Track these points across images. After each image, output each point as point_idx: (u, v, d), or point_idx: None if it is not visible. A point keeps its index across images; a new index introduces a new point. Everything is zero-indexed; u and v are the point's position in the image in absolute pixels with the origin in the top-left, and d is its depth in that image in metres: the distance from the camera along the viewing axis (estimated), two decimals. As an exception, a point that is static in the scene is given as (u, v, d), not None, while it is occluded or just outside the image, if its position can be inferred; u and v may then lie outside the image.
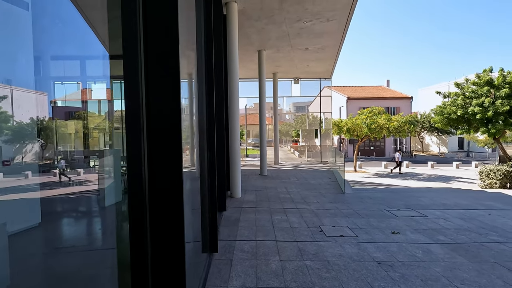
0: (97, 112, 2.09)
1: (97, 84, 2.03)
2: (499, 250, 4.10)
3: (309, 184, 9.98)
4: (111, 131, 2.08)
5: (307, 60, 13.45)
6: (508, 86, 11.17)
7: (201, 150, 3.72)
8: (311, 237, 4.55)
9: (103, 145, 2.05)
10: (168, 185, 1.71)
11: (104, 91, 2.01)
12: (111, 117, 2.05)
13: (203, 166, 3.69)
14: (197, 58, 3.64)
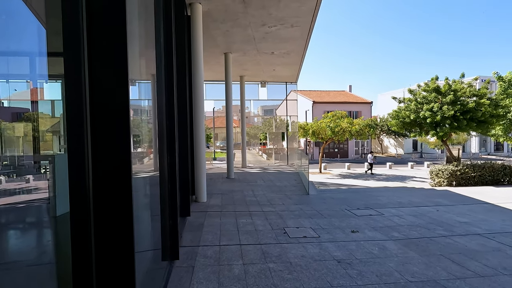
0: (50, 113, 1.91)
1: (49, 83, 1.86)
2: (444, 243, 4.46)
3: (276, 186, 10.11)
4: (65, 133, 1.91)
5: (273, 64, 13.68)
6: (453, 93, 12.31)
7: (161, 154, 3.58)
8: (275, 239, 4.59)
9: (56, 149, 1.88)
10: (116, 191, 1.61)
11: (58, 91, 1.84)
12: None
13: (163, 171, 3.55)
14: (156, 58, 3.51)
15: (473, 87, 12.79)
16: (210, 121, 34.15)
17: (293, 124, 21.54)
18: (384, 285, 3.15)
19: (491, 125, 12.83)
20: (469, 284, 3.17)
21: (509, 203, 7.51)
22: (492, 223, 5.54)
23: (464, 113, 12.09)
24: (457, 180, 11.39)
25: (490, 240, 4.60)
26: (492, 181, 11.52)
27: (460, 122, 12.09)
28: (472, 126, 12.47)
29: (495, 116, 12.46)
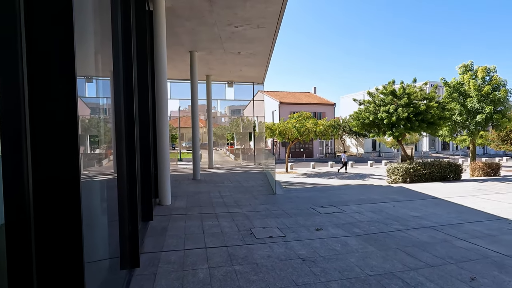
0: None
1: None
2: (400, 237, 4.76)
3: (243, 187, 10.08)
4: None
5: (240, 64, 13.65)
6: (407, 96, 13.29)
7: (120, 155, 3.37)
8: (242, 240, 4.56)
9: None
10: (62, 198, 1.45)
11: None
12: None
13: (122, 173, 3.33)
14: (114, 55, 3.29)
15: (423, 91, 13.92)
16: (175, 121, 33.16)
17: (260, 125, 21.71)
18: (346, 280, 3.26)
19: (439, 126, 14.06)
20: (421, 274, 3.41)
21: (453, 197, 8.27)
22: (440, 216, 6.05)
23: (416, 115, 13.10)
24: (411, 177, 12.30)
25: (439, 232, 5.01)
26: (440, 177, 12.63)
27: (413, 123, 13.08)
28: (423, 127, 13.55)
29: (442, 118, 13.67)
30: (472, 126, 16.06)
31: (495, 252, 4.06)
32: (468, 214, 6.31)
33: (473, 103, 15.52)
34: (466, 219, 5.81)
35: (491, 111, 15.02)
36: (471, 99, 15.64)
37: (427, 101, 13.47)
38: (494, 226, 5.34)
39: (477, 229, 5.17)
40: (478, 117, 15.38)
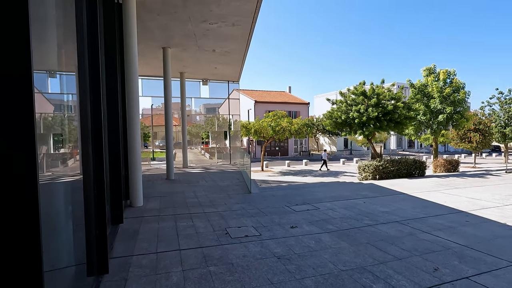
0: None
1: None
2: (370, 232, 4.96)
3: (218, 186, 9.98)
4: None
5: (215, 62, 13.48)
6: (376, 97, 13.88)
7: (86, 155, 3.18)
8: (217, 240, 4.50)
9: None
10: (16, 202, 1.33)
11: None
12: None
13: (88, 174, 3.15)
14: (78, 49, 3.09)
15: (391, 92, 14.61)
16: (148, 119, 32.07)
17: (235, 123, 21.62)
18: (320, 276, 3.33)
19: (405, 126, 14.84)
20: (389, 267, 3.57)
21: (418, 192, 8.77)
22: (406, 211, 6.39)
23: (385, 114, 13.73)
24: (380, 174, 12.88)
25: (405, 226, 5.28)
26: (406, 173, 13.34)
27: (382, 122, 13.69)
28: (391, 126, 14.23)
29: (408, 118, 14.44)
30: (435, 126, 17.15)
31: (455, 243, 4.36)
32: (432, 208, 6.72)
33: (435, 104, 16.56)
34: (430, 213, 6.19)
35: (451, 111, 16.12)
36: (434, 100, 16.67)
37: (395, 101, 14.15)
38: (454, 219, 5.74)
39: (439, 222, 5.52)
40: (440, 117, 16.44)
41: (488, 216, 5.91)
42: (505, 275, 3.33)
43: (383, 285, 3.13)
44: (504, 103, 26.03)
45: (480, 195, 8.24)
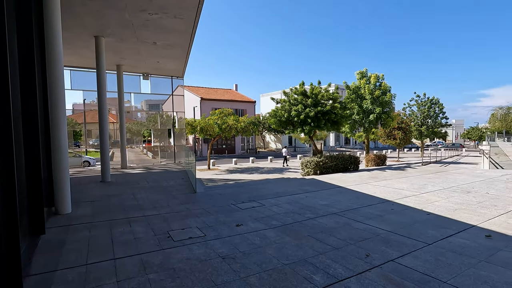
0: None
1: None
2: (311, 225, 5.22)
3: (161, 187, 9.46)
4: None
5: (157, 56, 12.73)
6: (314, 96, 14.74)
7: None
8: (158, 245, 4.23)
9: None
10: None
11: None
12: None
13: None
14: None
15: (328, 92, 15.68)
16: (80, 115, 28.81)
17: (180, 121, 20.80)
18: (264, 272, 3.37)
19: (341, 124, 16.09)
20: (328, 257, 3.79)
21: (353, 185, 9.58)
22: (343, 203, 6.91)
23: (324, 114, 14.67)
24: (320, 169, 13.74)
25: (342, 217, 5.70)
26: (343, 168, 14.50)
27: (320, 121, 14.60)
28: (328, 125, 15.29)
29: (344, 117, 15.69)
30: (367, 124, 18.97)
31: (383, 230, 4.85)
32: (364, 199, 7.39)
33: (367, 105, 18.30)
34: (362, 204, 6.79)
35: (380, 111, 18.01)
36: (366, 101, 18.41)
37: (332, 101, 15.22)
38: (382, 208, 6.39)
39: (370, 211, 6.09)
40: (371, 116, 18.23)
41: (408, 204, 6.73)
42: (422, 255, 3.81)
43: (322, 275, 3.30)
44: (420, 105, 30.11)
45: (403, 185, 9.37)
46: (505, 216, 5.59)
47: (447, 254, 3.83)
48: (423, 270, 3.39)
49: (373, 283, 3.11)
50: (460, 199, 7.18)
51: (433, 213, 5.91)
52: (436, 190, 8.43)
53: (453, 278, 3.18)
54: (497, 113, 50.71)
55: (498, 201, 6.83)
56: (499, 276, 3.21)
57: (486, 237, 4.45)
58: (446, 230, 4.80)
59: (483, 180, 10.07)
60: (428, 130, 29.77)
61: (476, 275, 3.25)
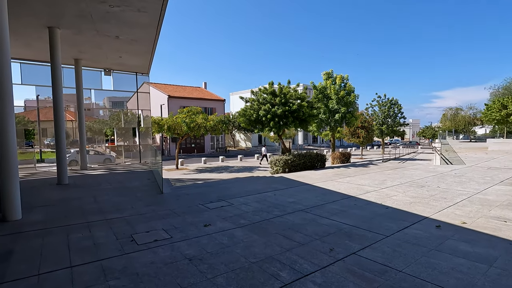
0: None
1: None
2: (279, 222, 5.30)
3: (125, 188, 9.03)
4: None
5: (119, 51, 12.09)
6: (283, 96, 15.00)
7: None
8: (120, 250, 4.03)
9: None
10: None
11: None
12: None
13: None
14: None
15: (297, 92, 16.04)
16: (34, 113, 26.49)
17: (146, 119, 19.99)
18: (231, 272, 3.36)
19: (309, 123, 16.54)
20: (294, 253, 3.88)
21: (319, 182, 9.91)
22: (309, 200, 7.11)
23: (291, 113, 14.98)
24: (289, 167, 14.02)
25: (308, 213, 5.86)
26: (311, 166, 14.93)
27: (288, 120, 14.90)
28: (296, 124, 15.65)
29: (311, 116, 16.14)
30: (332, 123, 19.73)
31: (346, 225, 5.08)
32: (329, 195, 7.67)
33: (333, 104, 19.03)
34: (328, 200, 7.05)
35: (345, 111, 18.81)
36: (332, 101, 19.13)
37: (300, 101, 15.59)
38: (346, 203, 6.68)
39: (335, 207, 6.34)
40: (336, 116, 18.99)
41: (370, 199, 7.11)
42: (381, 247, 4.04)
43: (289, 271, 3.37)
44: (381, 105, 31.94)
45: (365, 181, 9.88)
46: (453, 207, 6.14)
47: (403, 245, 4.11)
48: (382, 261, 3.60)
49: (336, 276, 3.24)
50: (415, 193, 7.73)
51: (391, 206, 6.31)
52: (395, 185, 9.01)
53: (407, 267, 3.42)
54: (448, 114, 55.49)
55: (447, 194, 7.48)
56: (446, 262, 3.52)
57: (436, 227, 4.85)
58: (402, 222, 5.15)
59: (435, 175, 10.95)
60: (388, 129, 31.69)
61: (427, 262, 3.52)
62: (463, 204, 6.37)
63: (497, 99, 36.77)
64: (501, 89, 43.38)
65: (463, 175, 10.84)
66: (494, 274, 3.20)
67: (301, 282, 3.12)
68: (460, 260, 3.57)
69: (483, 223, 5.04)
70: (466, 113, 53.31)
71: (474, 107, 52.72)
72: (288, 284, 3.08)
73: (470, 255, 3.71)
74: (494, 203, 6.45)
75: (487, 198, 6.90)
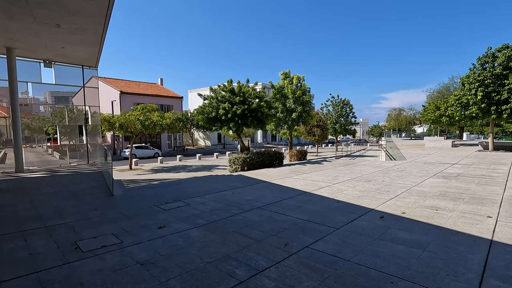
0: None
1: None
2: (236, 220, 5.32)
3: (69, 191, 8.28)
4: None
5: (62, 40, 11.01)
6: (242, 95, 15.05)
7: None
8: (62, 259, 3.68)
9: None
10: None
11: None
12: None
13: None
14: None
15: (255, 90, 16.20)
16: (-47, 108, 22.83)
17: (94, 116, 18.51)
18: (186, 273, 3.28)
19: (267, 122, 16.83)
20: (251, 250, 3.92)
21: (277, 179, 10.15)
22: (267, 197, 7.24)
23: (250, 111, 15.10)
24: (248, 166, 14.12)
25: (265, 210, 5.97)
26: (269, 163, 15.22)
27: (247, 119, 15.00)
28: (255, 123, 15.82)
29: (269, 115, 16.45)
30: (290, 122, 20.32)
31: (301, 219, 5.28)
32: (286, 192, 7.90)
33: (290, 104, 19.60)
34: (284, 196, 7.25)
35: (301, 110, 19.51)
36: (289, 100, 19.69)
37: (258, 100, 15.78)
38: (301, 199, 6.95)
39: (291, 203, 6.55)
40: (293, 114, 19.60)
41: (323, 194, 7.48)
42: (332, 239, 4.28)
43: (245, 268, 3.40)
44: (335, 105, 33.75)
45: (319, 177, 10.38)
46: (395, 199, 6.74)
47: (351, 236, 4.41)
48: (332, 252, 3.81)
49: (290, 269, 3.36)
50: (363, 187, 8.33)
51: (342, 200, 6.72)
52: (346, 180, 9.61)
53: (355, 256, 3.67)
54: (392, 114, 60.73)
55: (390, 187, 8.19)
56: (388, 250, 3.85)
57: (380, 218, 5.28)
58: (351, 215, 5.52)
59: (380, 170, 11.92)
60: (341, 127, 33.63)
61: (372, 251, 3.82)
62: (403, 196, 7.03)
63: (432, 101, 41.31)
64: (436, 92, 48.81)
65: (404, 169, 11.97)
66: (426, 257, 3.59)
67: (257, 278, 3.16)
68: (399, 247, 3.94)
69: (419, 212, 5.62)
70: (407, 113, 58.90)
71: (414, 108, 58.55)
72: (243, 281, 3.11)
73: (407, 242, 4.12)
74: (428, 194, 7.23)
75: (423, 190, 7.71)
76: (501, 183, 8.55)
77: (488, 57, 19.50)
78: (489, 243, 4.04)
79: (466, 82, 20.02)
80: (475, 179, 9.31)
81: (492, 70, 18.86)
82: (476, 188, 7.80)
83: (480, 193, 7.22)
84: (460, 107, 20.71)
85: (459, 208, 5.88)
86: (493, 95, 18.81)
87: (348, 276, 3.17)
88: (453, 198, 6.70)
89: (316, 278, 3.14)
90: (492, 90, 18.73)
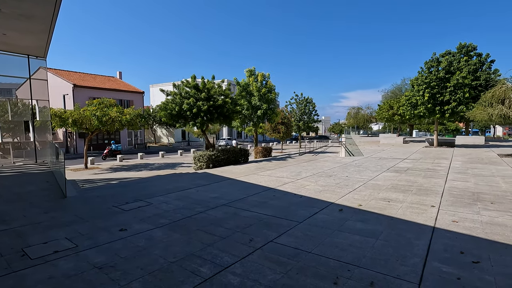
0: None
1: None
2: (201, 218, 5.27)
3: (14, 194, 7.53)
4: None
5: (3, 27, 9.88)
6: (207, 91, 14.83)
7: None
8: (6, 268, 3.36)
9: None
10: None
11: None
12: None
13: None
14: None
15: (221, 87, 16.06)
16: None
17: (43, 111, 16.93)
18: (149, 275, 3.19)
19: (232, 119, 16.79)
20: (216, 247, 3.93)
21: (242, 176, 10.21)
22: (232, 194, 7.27)
23: (215, 108, 14.95)
24: (213, 163, 13.99)
25: (230, 207, 5.99)
26: (234, 161, 15.23)
27: (213, 115, 14.83)
28: (221, 119, 15.70)
29: (235, 112, 16.42)
30: (255, 119, 20.48)
31: (265, 215, 5.39)
32: (251, 189, 7.99)
33: (255, 101, 19.74)
34: (249, 193, 7.33)
35: (266, 107, 19.75)
36: (254, 97, 19.81)
37: (224, 97, 15.67)
38: (266, 195, 7.08)
39: (256, 199, 6.65)
40: (258, 112, 19.77)
41: (287, 190, 7.71)
42: (294, 233, 4.45)
43: (210, 266, 3.40)
44: (299, 103, 34.70)
45: (283, 173, 10.65)
46: (353, 193, 7.18)
47: (312, 229, 4.62)
48: (295, 245, 3.97)
49: (255, 264, 3.43)
50: (324, 182, 8.73)
51: (305, 195, 6.98)
52: (308, 176, 9.98)
53: (316, 248, 3.86)
54: (351, 112, 64.08)
55: (349, 182, 8.69)
56: (346, 240, 4.11)
57: (339, 211, 5.60)
58: (313, 209, 5.77)
59: (340, 166, 12.58)
60: (304, 125, 34.72)
61: (331, 242, 4.05)
62: (360, 190, 7.51)
63: (386, 101, 44.44)
64: (390, 92, 52.52)
65: (361, 165, 12.75)
66: (379, 245, 3.90)
67: (222, 275, 3.19)
68: (355, 237, 4.22)
69: (374, 204, 6.06)
70: (365, 112, 62.56)
71: (371, 107, 62.23)
72: (208, 278, 3.11)
73: (363, 232, 4.42)
74: (382, 187, 7.81)
75: (377, 183, 8.31)
76: (443, 175, 9.53)
77: (433, 62, 21.49)
78: (432, 230, 4.50)
79: (415, 84, 21.85)
80: (422, 172, 10.26)
81: (436, 74, 20.83)
82: (423, 181, 8.60)
83: (426, 185, 7.98)
84: (410, 107, 22.53)
85: (408, 199, 6.45)
86: (437, 96, 20.80)
87: (310, 267, 3.33)
88: (403, 190, 7.31)
89: (280, 271, 3.25)
90: (436, 92, 20.70)
